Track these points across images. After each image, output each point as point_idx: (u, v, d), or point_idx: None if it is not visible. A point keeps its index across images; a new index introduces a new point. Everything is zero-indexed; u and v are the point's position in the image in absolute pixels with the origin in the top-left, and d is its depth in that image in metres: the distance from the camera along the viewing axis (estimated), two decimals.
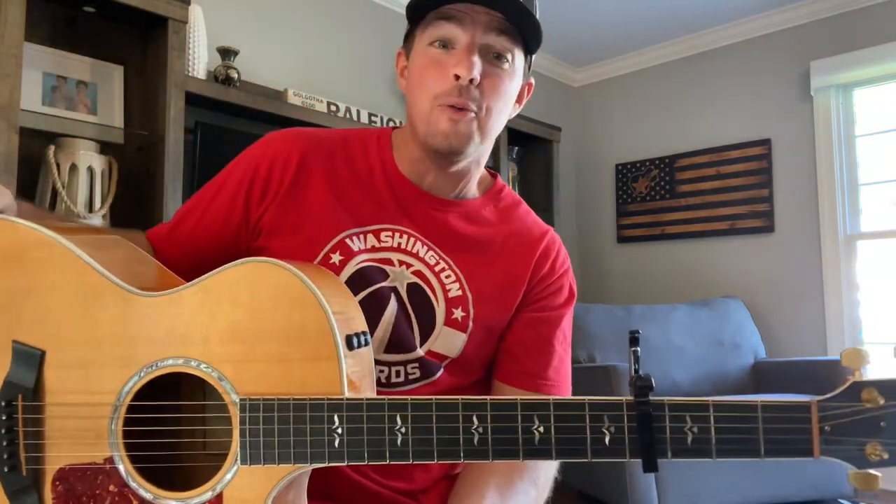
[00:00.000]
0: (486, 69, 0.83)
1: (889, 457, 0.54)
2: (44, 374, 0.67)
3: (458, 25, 0.82)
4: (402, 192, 0.91)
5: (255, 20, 2.69)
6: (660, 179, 3.90)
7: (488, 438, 0.60)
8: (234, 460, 0.63)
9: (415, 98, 0.87)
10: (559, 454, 0.60)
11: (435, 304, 0.88)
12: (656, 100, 3.97)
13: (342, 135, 0.96)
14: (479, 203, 0.96)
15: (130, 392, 0.66)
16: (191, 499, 0.64)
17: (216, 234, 0.87)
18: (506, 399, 0.61)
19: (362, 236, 0.88)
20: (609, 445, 0.59)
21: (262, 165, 0.88)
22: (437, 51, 0.83)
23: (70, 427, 0.66)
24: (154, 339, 0.66)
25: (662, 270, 3.88)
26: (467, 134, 0.84)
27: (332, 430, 0.61)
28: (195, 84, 2.16)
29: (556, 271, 0.96)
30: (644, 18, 3.57)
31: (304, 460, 0.62)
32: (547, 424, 0.60)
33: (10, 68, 1.69)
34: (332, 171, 0.90)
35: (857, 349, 0.54)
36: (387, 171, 0.92)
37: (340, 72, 2.96)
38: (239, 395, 0.64)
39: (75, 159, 1.89)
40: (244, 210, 0.87)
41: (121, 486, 0.65)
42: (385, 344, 0.85)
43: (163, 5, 2.01)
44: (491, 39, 0.82)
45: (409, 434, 0.61)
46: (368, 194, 0.90)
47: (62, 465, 0.66)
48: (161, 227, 0.92)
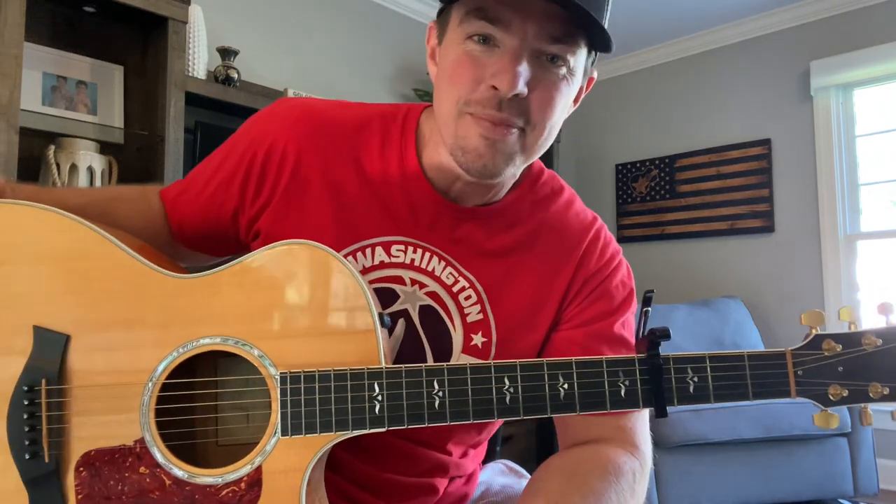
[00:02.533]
0: (536, 74, 0.68)
1: (847, 395, 0.65)
2: (68, 357, 0.66)
3: (504, 30, 0.67)
4: (421, 200, 0.79)
5: (255, 20, 2.69)
6: (660, 179, 3.90)
7: (519, 397, 0.65)
8: (273, 432, 0.64)
9: (441, 96, 0.73)
10: (583, 407, 0.66)
11: (451, 330, 0.79)
12: (656, 100, 3.97)
13: (358, 120, 0.82)
14: (510, 201, 0.82)
15: (165, 371, 0.65)
16: (228, 474, 0.64)
17: (216, 207, 0.83)
18: (533, 361, 0.66)
19: (369, 251, 0.78)
20: (625, 397, 0.67)
21: (258, 153, 0.79)
22: (477, 46, 0.68)
23: (97, 410, 0.65)
24: (190, 319, 0.67)
25: (662, 270, 3.88)
26: (507, 154, 0.71)
27: (372, 398, 0.64)
28: (195, 84, 2.16)
29: (604, 271, 0.82)
30: (644, 19, 3.57)
31: (345, 427, 0.64)
32: (570, 381, 0.66)
33: (10, 68, 1.69)
34: (335, 170, 0.79)
35: (815, 311, 0.66)
36: (406, 171, 0.79)
37: (340, 72, 2.96)
38: (279, 370, 0.65)
39: (75, 159, 1.88)
40: (239, 197, 0.81)
41: (153, 466, 0.64)
42: None
43: (163, 5, 2.01)
44: (545, 44, 0.67)
45: (447, 397, 0.65)
46: (379, 200, 0.78)
47: (88, 450, 0.65)
48: (173, 186, 0.87)
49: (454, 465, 0.85)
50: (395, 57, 3.12)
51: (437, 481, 0.84)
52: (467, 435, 0.85)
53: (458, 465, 0.86)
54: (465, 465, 0.88)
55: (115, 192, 0.95)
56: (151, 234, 0.83)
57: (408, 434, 0.75)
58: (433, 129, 0.78)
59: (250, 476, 0.64)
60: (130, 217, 0.83)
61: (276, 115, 0.82)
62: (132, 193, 0.90)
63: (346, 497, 0.79)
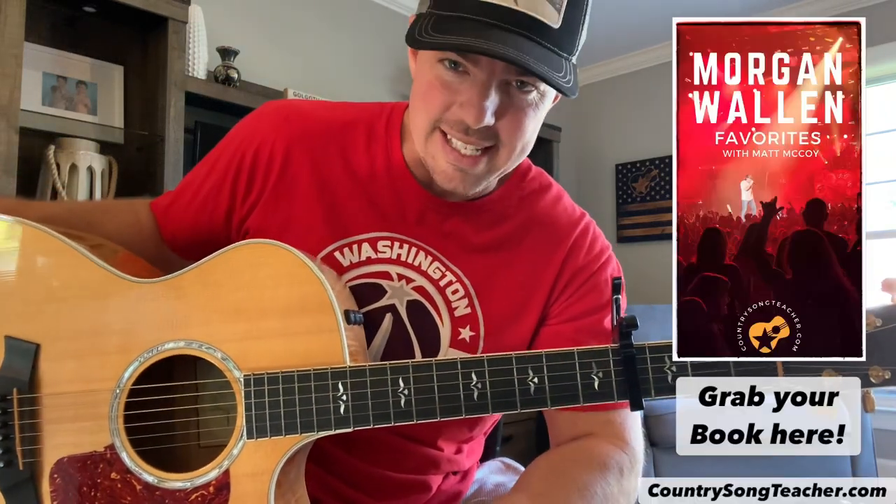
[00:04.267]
0: (504, 101, 0.69)
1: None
2: (39, 366, 0.66)
3: (473, 64, 0.68)
4: (407, 195, 0.80)
5: (255, 20, 2.69)
6: (660, 179, 3.90)
7: (487, 393, 0.63)
8: (240, 435, 0.64)
9: (415, 110, 0.75)
10: (554, 402, 0.63)
11: (439, 324, 0.79)
12: (656, 100, 3.97)
13: (344, 119, 0.84)
14: (498, 196, 0.82)
15: (131, 377, 0.66)
16: (197, 478, 0.64)
17: (209, 213, 0.84)
18: (500, 355, 0.64)
19: (356, 247, 0.79)
20: (598, 389, 0.63)
21: (247, 153, 0.80)
22: (447, 71, 0.70)
23: (68, 417, 0.66)
24: (154, 324, 0.67)
25: (662, 270, 3.88)
26: (477, 177, 0.73)
27: (336, 398, 0.63)
28: (195, 84, 2.16)
29: (592, 265, 0.82)
30: (644, 18, 3.57)
31: (310, 429, 0.63)
32: (541, 375, 0.63)
33: (10, 68, 1.69)
34: (323, 168, 0.80)
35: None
36: (391, 167, 0.80)
37: (340, 72, 2.96)
38: (242, 372, 0.64)
39: (75, 159, 1.88)
40: (230, 199, 0.82)
41: (123, 472, 0.65)
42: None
43: (163, 5, 2.01)
44: (513, 76, 0.68)
45: (413, 395, 0.63)
46: (366, 197, 0.80)
47: (60, 457, 0.66)
48: (164, 197, 0.89)
49: (446, 460, 0.85)
50: (395, 57, 3.12)
51: (429, 478, 0.84)
52: (458, 431, 0.85)
53: (450, 460, 0.86)
54: (459, 462, 0.88)
55: (101, 204, 0.97)
56: (140, 244, 0.84)
57: (398, 430, 0.75)
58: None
59: (218, 480, 0.64)
60: (118, 228, 0.84)
61: (262, 117, 0.84)
62: (119, 206, 0.91)
63: (339, 496, 0.79)
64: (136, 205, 0.89)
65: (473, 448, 0.92)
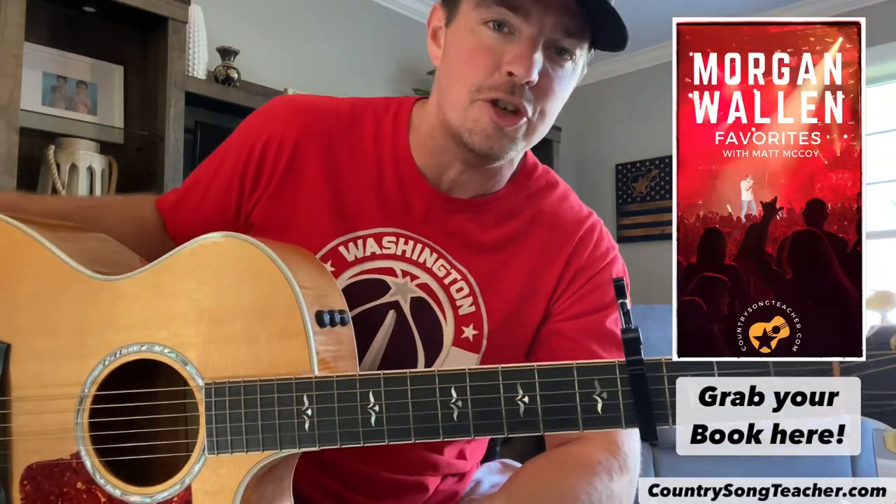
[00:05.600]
0: (546, 65, 0.70)
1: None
2: (10, 367, 0.63)
3: (523, 18, 0.69)
4: (414, 192, 0.79)
5: (255, 20, 2.69)
6: (660, 179, 3.90)
7: (469, 413, 0.54)
8: (201, 450, 0.59)
9: (451, 82, 0.73)
10: (547, 426, 0.54)
11: (442, 322, 0.78)
12: (656, 100, 3.97)
13: (353, 110, 0.83)
14: (503, 194, 0.82)
15: (94, 383, 0.62)
16: (158, 493, 0.60)
17: (220, 211, 0.83)
18: (485, 368, 0.55)
19: (360, 242, 0.77)
20: (602, 413, 0.53)
21: (255, 147, 0.80)
22: (492, 34, 0.70)
23: (37, 422, 0.63)
24: (116, 325, 0.62)
25: (662, 270, 3.87)
26: (513, 139, 0.73)
27: (301, 412, 0.57)
28: (195, 84, 2.16)
29: (597, 264, 0.81)
30: (644, 18, 3.57)
31: (273, 446, 0.57)
32: (532, 394, 0.54)
33: (10, 68, 1.69)
34: (330, 163, 0.79)
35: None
36: (398, 162, 0.79)
37: (340, 72, 2.95)
38: (204, 380, 0.60)
39: (75, 159, 1.88)
40: (238, 195, 0.82)
41: (88, 482, 0.62)
42: (377, 369, 0.77)
43: (163, 5, 2.01)
44: (559, 36, 0.70)
45: (384, 412, 0.56)
46: (372, 190, 0.79)
47: (30, 463, 0.63)
48: (170, 194, 0.87)
49: (446, 464, 0.85)
50: (395, 57, 3.11)
51: (427, 479, 0.84)
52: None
53: (450, 464, 0.86)
54: (459, 465, 0.88)
55: (102, 200, 0.95)
56: (141, 241, 0.83)
57: None
58: (426, 121, 0.79)
59: (180, 497, 0.60)
60: (119, 224, 0.83)
61: (271, 111, 0.83)
62: (121, 202, 0.91)
63: (331, 495, 0.78)
64: (137, 200, 0.89)
65: (476, 450, 0.92)
